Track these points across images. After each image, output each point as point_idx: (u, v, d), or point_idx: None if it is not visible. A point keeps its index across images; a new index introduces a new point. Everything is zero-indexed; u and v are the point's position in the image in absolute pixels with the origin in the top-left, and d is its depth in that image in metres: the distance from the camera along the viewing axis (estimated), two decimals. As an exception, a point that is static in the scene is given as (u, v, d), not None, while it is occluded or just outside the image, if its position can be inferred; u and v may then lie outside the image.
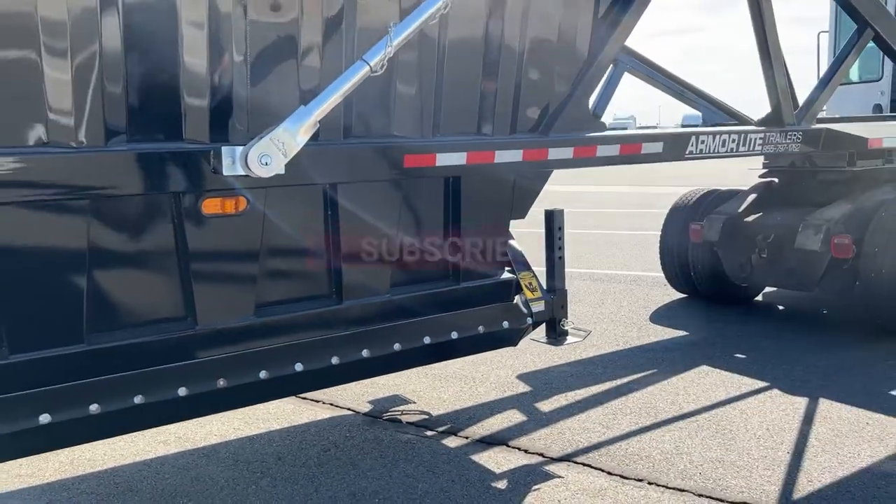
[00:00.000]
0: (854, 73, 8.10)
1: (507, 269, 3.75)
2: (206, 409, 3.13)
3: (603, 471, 3.58)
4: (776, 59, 4.34)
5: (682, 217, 6.85)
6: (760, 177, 6.60)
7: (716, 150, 4.15)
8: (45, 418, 2.59)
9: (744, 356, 5.35)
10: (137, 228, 2.70)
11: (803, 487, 3.38)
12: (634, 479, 3.48)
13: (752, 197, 6.42)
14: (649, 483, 3.45)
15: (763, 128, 4.44)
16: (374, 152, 3.03)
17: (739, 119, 4.74)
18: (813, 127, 4.68)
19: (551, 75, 3.45)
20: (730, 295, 6.73)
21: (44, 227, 2.48)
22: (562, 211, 4.00)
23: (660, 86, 5.26)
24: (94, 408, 2.67)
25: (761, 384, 4.74)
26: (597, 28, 3.53)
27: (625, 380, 4.89)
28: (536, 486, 3.44)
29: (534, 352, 5.36)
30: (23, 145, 2.35)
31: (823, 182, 6.10)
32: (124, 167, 2.52)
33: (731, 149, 4.22)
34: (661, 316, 6.58)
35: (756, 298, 7.03)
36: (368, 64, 2.55)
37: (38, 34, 2.31)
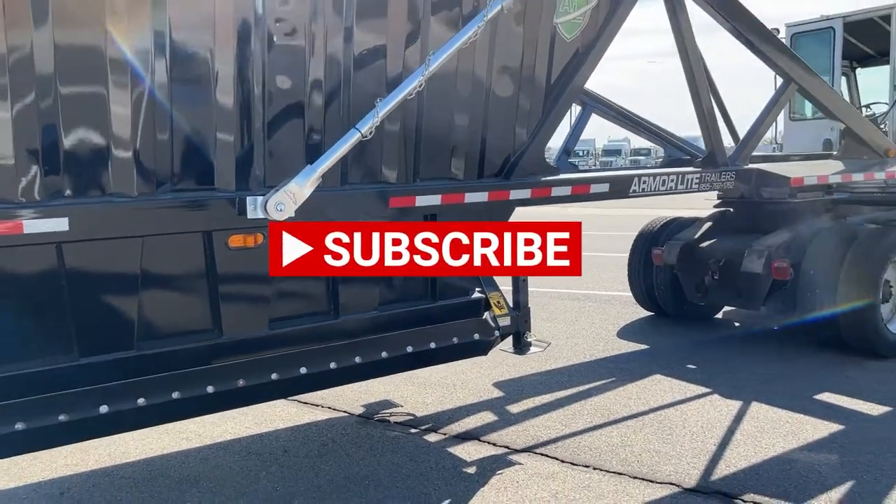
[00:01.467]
0: (808, 110, 8.88)
1: (477, 289, 4.46)
2: (229, 405, 3.84)
3: (557, 459, 4.27)
4: (709, 115, 5.09)
5: (647, 242, 7.58)
6: (715, 207, 7.34)
7: (657, 189, 4.89)
8: (103, 409, 3.29)
9: (694, 366, 6.05)
10: (177, 257, 3.42)
11: (721, 471, 4.07)
12: (582, 466, 4.17)
13: (707, 225, 7.16)
14: (594, 469, 4.13)
15: (699, 169, 5.19)
16: (365, 196, 3.76)
17: (687, 153, 5.50)
18: (745, 167, 5.43)
19: (512, 130, 4.20)
20: (690, 313, 7.45)
21: (108, 256, 3.20)
22: (524, 241, 4.71)
23: (623, 123, 6.07)
24: (140, 401, 3.37)
25: (705, 390, 5.43)
26: (549, 91, 4.27)
27: (586, 386, 5.59)
28: (500, 471, 4.13)
29: (509, 363, 6.06)
30: (99, 195, 3.07)
31: (769, 212, 6.82)
32: (170, 212, 3.25)
33: (671, 187, 4.96)
34: (627, 332, 7.28)
35: (716, 316, 7.76)
36: (360, 131, 3.29)
37: (108, 115, 3.04)
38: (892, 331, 6.15)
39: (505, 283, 4.73)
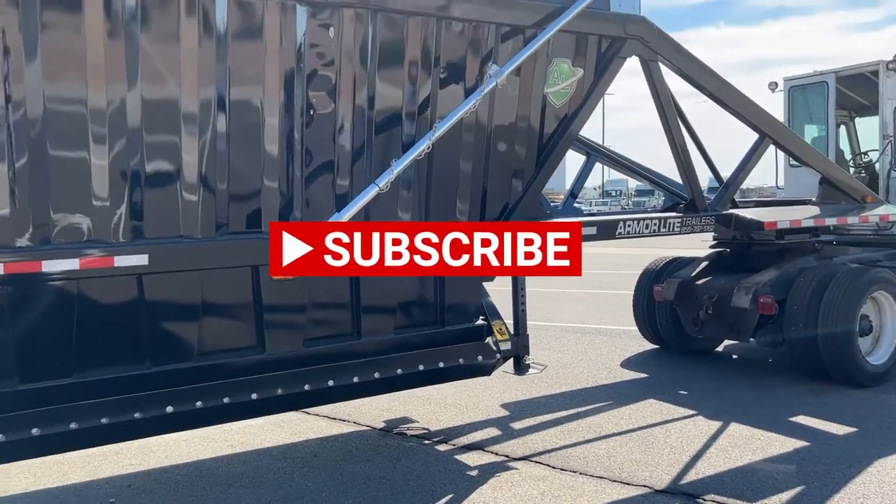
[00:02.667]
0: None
1: (481, 317, 5.18)
2: (270, 410, 4.60)
3: (549, 466, 4.92)
4: (688, 167, 5.79)
5: (650, 279, 8.22)
6: (710, 247, 7.97)
7: (641, 232, 5.58)
8: (169, 409, 4.06)
9: (685, 392, 6.64)
10: (230, 286, 4.21)
11: (690, 477, 4.67)
12: (570, 471, 4.81)
13: (704, 264, 7.79)
14: (580, 473, 4.77)
15: (681, 214, 5.88)
16: (383, 237, 4.53)
17: (677, 196, 6.21)
18: (724, 212, 6.10)
19: (509, 181, 4.96)
20: (691, 346, 8.04)
21: (177, 285, 4.01)
22: (523, 277, 5.43)
23: (622, 170, 6.82)
24: (198, 404, 4.14)
25: (691, 412, 6.03)
26: (541, 148, 5.04)
27: (584, 408, 6.22)
28: (498, 474, 4.80)
29: (517, 388, 6.73)
30: (172, 236, 3.90)
31: (759, 252, 7.44)
32: (227, 250, 4.06)
33: (654, 230, 5.65)
34: (630, 362, 7.89)
35: (717, 349, 8.32)
36: (378, 186, 4.09)
37: (181, 164, 3.87)
38: (871, 362, 6.68)
39: (506, 312, 5.44)
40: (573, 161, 7.18)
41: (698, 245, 8.65)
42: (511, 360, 5.41)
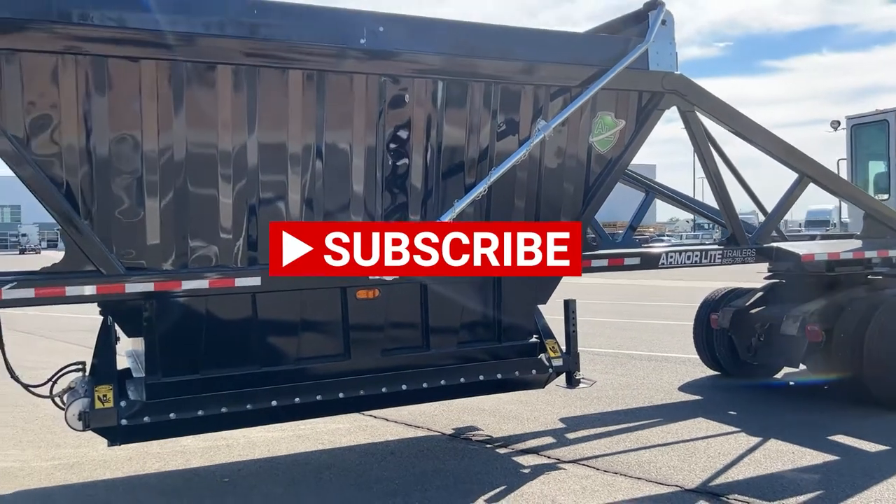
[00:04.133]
0: (871, 189, 9.78)
1: (535, 335, 5.94)
2: (354, 408, 5.55)
3: (593, 468, 5.58)
4: (727, 206, 6.40)
5: (709, 309, 8.72)
6: (765, 279, 8.42)
7: (682, 263, 6.22)
8: (273, 402, 5.02)
9: (734, 413, 7.13)
10: (323, 304, 5.17)
11: (719, 481, 5.23)
12: (611, 472, 5.46)
13: (758, 294, 8.24)
14: (620, 474, 5.41)
15: (722, 246, 6.47)
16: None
17: (722, 225, 6.84)
18: (765, 245, 6.64)
19: (558, 218, 5.74)
20: (748, 372, 8.46)
21: (282, 302, 4.99)
22: (574, 300, 6.15)
23: (679, 205, 7.47)
24: (296, 399, 5.08)
25: (734, 429, 6.53)
26: (587, 190, 5.80)
27: (635, 423, 6.82)
28: (547, 472, 5.50)
29: (576, 404, 7.40)
30: (260, 264, 4.89)
31: (811, 283, 7.85)
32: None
33: (696, 261, 6.28)
34: (689, 386, 8.40)
35: (775, 376, 8.69)
36: (444, 222, 4.97)
37: (287, 201, 4.87)
38: (917, 387, 6.97)
39: (559, 331, 6.18)
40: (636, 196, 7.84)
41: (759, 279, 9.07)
42: (563, 376, 6.13)
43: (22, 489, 5.37)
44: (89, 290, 4.50)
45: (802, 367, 7.83)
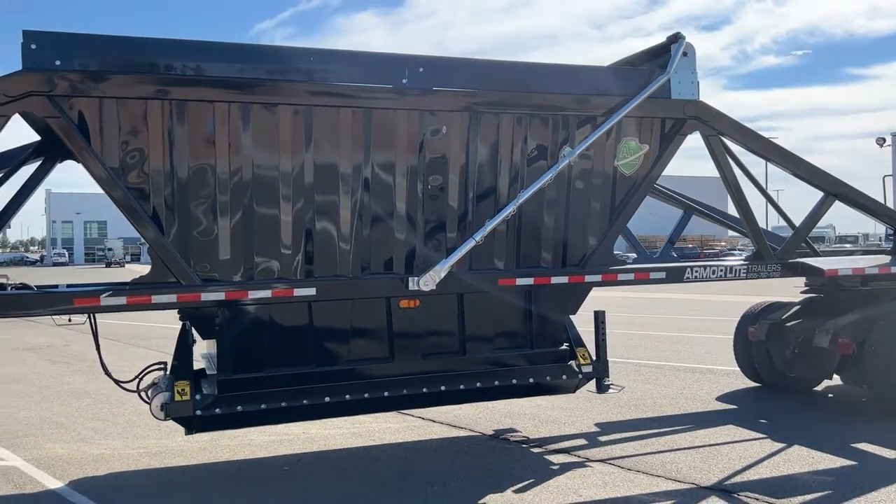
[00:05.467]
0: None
1: (565, 343, 6.44)
2: (399, 406, 6.16)
3: (618, 466, 6.03)
4: (751, 224, 6.76)
5: (748, 322, 8.99)
6: (802, 293, 8.65)
7: (708, 277, 6.62)
8: (326, 398, 5.69)
9: (765, 421, 7.42)
10: (370, 312, 5.82)
11: (735, 480, 5.61)
12: (634, 470, 5.90)
13: (795, 307, 8.49)
14: (642, 472, 5.85)
15: (746, 262, 6.83)
16: (482, 278, 5.98)
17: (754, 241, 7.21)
18: (790, 261, 6.96)
19: (586, 237, 6.25)
20: (787, 384, 8.67)
21: (335, 310, 5.67)
22: (603, 311, 6.63)
23: (716, 221, 7.85)
24: (346, 396, 5.73)
25: (761, 436, 6.85)
26: (612, 209, 6.29)
27: (667, 429, 7.21)
28: (575, 469, 5.98)
29: (613, 411, 7.83)
30: (331, 275, 5.57)
31: (846, 298, 8.06)
32: (369, 285, 5.68)
33: (721, 276, 6.66)
34: (726, 396, 8.69)
35: (815, 388, 8.87)
36: (475, 240, 5.56)
37: (339, 218, 5.55)
38: (948, 399, 7.11)
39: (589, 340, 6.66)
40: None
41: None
42: (594, 382, 6.60)
43: (112, 472, 6.20)
44: (171, 298, 5.27)
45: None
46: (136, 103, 5.03)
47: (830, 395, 8.70)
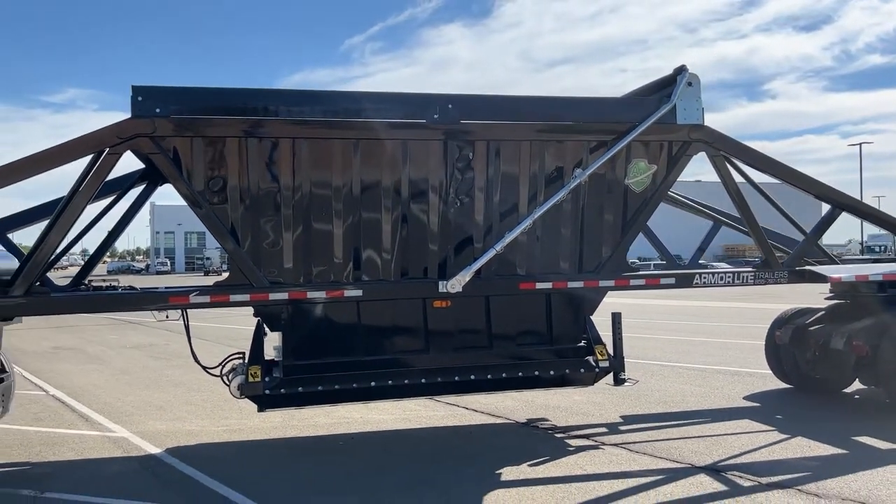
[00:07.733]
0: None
1: (584, 340, 7.28)
2: (434, 392, 7.16)
3: (628, 449, 6.81)
4: (758, 235, 7.40)
5: (778, 326, 9.51)
6: (826, 299, 9.12)
7: (716, 283, 7.31)
8: (373, 383, 6.75)
9: (781, 417, 7.99)
10: (409, 310, 6.85)
11: (728, 462, 6.30)
12: (640, 453, 6.67)
13: (820, 313, 8.98)
14: (646, 454, 6.61)
15: (753, 269, 7.47)
16: (504, 281, 6.91)
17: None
18: (797, 268, 7.55)
19: (600, 247, 7.08)
20: (814, 385, 9.14)
21: (379, 309, 6.74)
22: (620, 313, 7.43)
23: (744, 233, 8.49)
24: (389, 382, 6.78)
25: (769, 428, 7.46)
26: (624, 222, 7.09)
27: (685, 421, 7.90)
28: (588, 450, 6.81)
29: (641, 405, 8.57)
30: (376, 279, 6.65)
31: (866, 303, 8.50)
32: (406, 287, 6.72)
33: (728, 281, 7.34)
34: (754, 396, 9.24)
35: (844, 390, 9.29)
36: (496, 249, 6.51)
37: (381, 231, 6.63)
38: (960, 400, 7.50)
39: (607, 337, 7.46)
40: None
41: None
42: (612, 376, 7.40)
43: (201, 443, 7.47)
44: (245, 297, 6.47)
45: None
46: (217, 140, 6.25)
47: (857, 397, 9.12)
